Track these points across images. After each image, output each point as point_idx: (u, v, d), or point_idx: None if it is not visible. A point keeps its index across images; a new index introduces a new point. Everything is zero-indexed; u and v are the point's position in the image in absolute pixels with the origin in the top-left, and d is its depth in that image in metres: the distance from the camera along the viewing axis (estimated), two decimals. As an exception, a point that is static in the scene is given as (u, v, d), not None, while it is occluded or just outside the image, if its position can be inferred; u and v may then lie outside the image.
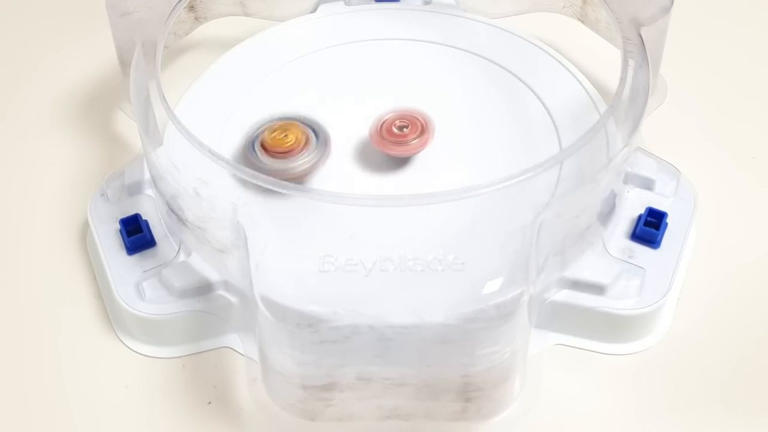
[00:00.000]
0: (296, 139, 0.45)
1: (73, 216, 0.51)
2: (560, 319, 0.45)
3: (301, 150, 0.46)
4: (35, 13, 0.62)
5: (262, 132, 0.46)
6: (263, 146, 0.46)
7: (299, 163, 0.45)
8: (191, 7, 0.54)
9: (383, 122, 0.47)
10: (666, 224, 0.47)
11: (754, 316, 0.47)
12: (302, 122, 0.47)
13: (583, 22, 0.54)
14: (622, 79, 0.45)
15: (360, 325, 0.39)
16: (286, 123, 0.46)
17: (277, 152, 0.45)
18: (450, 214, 0.43)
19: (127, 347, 0.47)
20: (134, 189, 0.49)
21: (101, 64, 0.58)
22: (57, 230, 0.51)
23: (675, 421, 0.44)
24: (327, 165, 0.46)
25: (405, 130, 0.47)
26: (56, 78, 0.58)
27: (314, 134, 0.46)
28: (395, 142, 0.47)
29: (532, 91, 0.50)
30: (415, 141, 0.47)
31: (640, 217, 0.48)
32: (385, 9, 0.55)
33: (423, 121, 0.47)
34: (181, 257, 0.46)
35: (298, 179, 0.46)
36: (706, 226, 0.50)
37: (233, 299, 0.45)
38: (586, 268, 0.45)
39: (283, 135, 0.46)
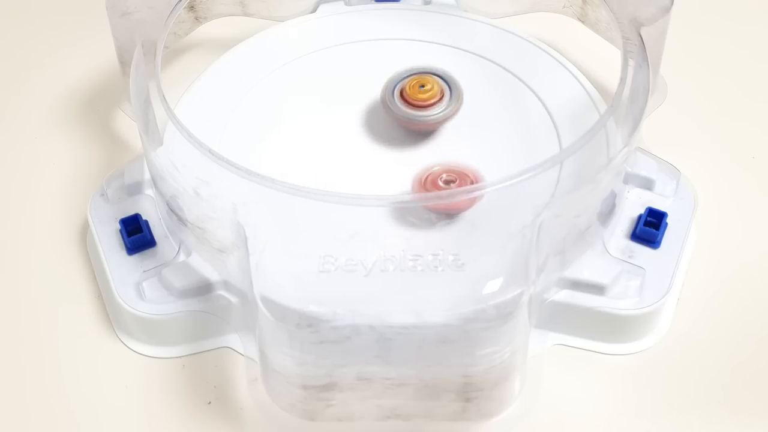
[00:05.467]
0: (433, 92, 0.48)
1: (73, 216, 0.51)
2: (560, 319, 0.45)
3: (436, 102, 0.48)
4: (35, 13, 0.62)
5: (403, 82, 0.48)
6: (402, 96, 0.48)
7: (432, 114, 0.48)
8: (191, 7, 0.54)
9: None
10: (666, 224, 0.47)
11: (754, 316, 0.47)
12: (438, 76, 0.49)
13: (583, 22, 0.54)
14: (622, 79, 0.45)
15: (360, 325, 0.39)
16: (425, 76, 0.48)
17: (414, 103, 0.48)
18: (450, 214, 0.43)
19: (127, 347, 0.47)
20: (134, 189, 0.49)
21: (101, 64, 0.58)
22: (57, 230, 0.51)
23: (675, 421, 0.44)
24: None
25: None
26: (56, 78, 0.58)
27: (449, 89, 0.48)
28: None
29: (532, 91, 0.50)
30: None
31: (640, 217, 0.48)
32: (385, 9, 0.55)
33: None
34: (181, 257, 0.46)
35: (430, 128, 0.48)
36: (706, 226, 0.50)
37: (233, 299, 0.45)
38: (586, 268, 0.45)
39: (421, 87, 0.48)
